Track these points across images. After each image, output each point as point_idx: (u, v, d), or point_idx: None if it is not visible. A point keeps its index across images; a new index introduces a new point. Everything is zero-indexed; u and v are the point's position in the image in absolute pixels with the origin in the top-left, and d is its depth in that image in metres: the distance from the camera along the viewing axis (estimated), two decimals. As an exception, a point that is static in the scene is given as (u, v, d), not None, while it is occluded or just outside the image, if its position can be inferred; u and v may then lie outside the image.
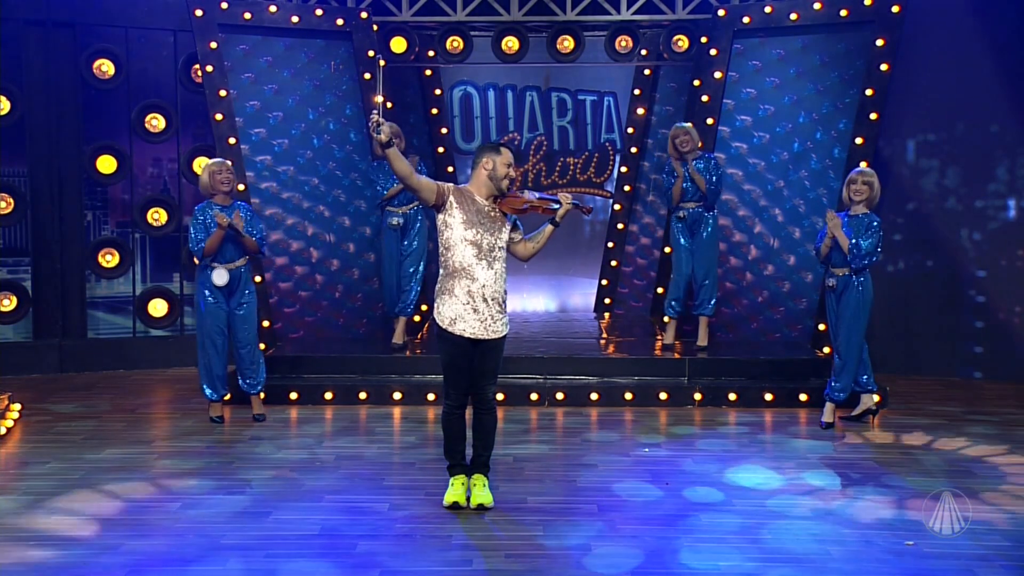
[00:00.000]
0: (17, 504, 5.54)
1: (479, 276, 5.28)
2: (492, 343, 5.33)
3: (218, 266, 7.10)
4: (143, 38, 9.41)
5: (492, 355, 5.35)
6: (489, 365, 5.36)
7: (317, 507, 5.48)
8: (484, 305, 5.28)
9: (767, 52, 9.17)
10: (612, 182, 11.15)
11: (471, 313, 5.27)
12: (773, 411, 7.76)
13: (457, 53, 9.80)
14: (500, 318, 5.34)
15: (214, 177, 7.09)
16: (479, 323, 5.27)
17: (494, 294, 5.31)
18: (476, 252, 5.28)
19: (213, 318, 7.16)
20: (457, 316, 5.27)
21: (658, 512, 5.46)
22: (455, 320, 5.28)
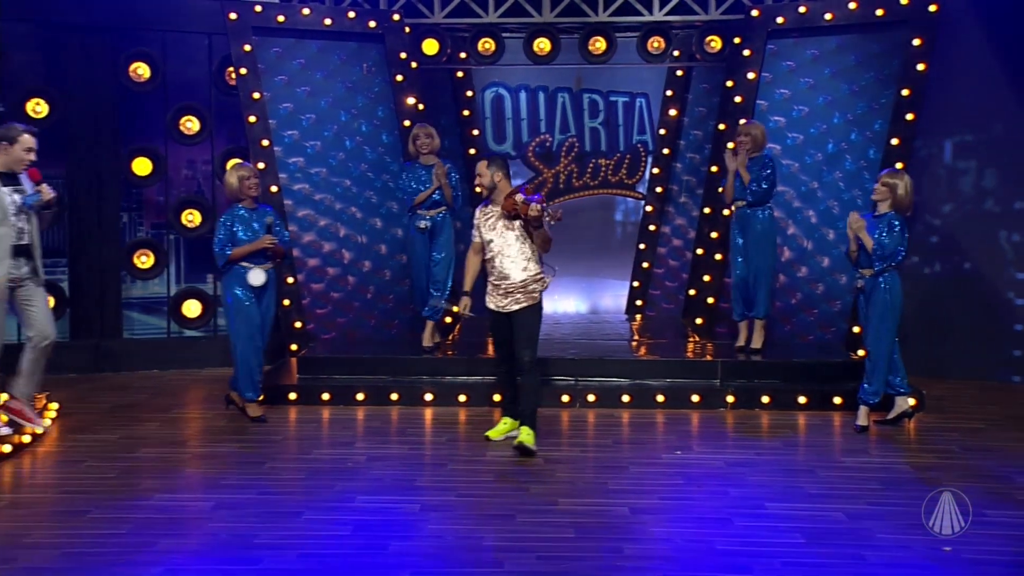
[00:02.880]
0: (53, 502, 5.60)
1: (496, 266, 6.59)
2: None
3: (253, 266, 7.13)
4: (178, 42, 9.49)
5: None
6: (519, 334, 6.54)
7: (349, 507, 5.49)
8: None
9: (801, 52, 9.09)
10: (644, 184, 11.11)
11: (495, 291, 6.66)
12: (807, 414, 7.68)
13: (489, 55, 9.81)
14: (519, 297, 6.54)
15: (243, 182, 7.14)
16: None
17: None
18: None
19: (249, 317, 7.18)
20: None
21: (691, 515, 5.42)
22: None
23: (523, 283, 6.55)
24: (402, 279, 9.33)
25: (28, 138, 6.25)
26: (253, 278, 7.11)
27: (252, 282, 7.12)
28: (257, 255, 7.15)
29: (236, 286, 7.18)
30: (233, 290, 7.19)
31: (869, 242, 6.93)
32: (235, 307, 7.20)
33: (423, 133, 8.19)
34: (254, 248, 7.10)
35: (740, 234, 8.16)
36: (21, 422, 6.51)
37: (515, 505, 5.53)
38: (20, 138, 6.21)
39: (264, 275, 7.15)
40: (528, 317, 6.57)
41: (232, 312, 7.24)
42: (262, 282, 7.14)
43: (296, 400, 7.89)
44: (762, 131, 8.08)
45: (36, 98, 8.95)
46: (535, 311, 6.60)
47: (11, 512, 5.44)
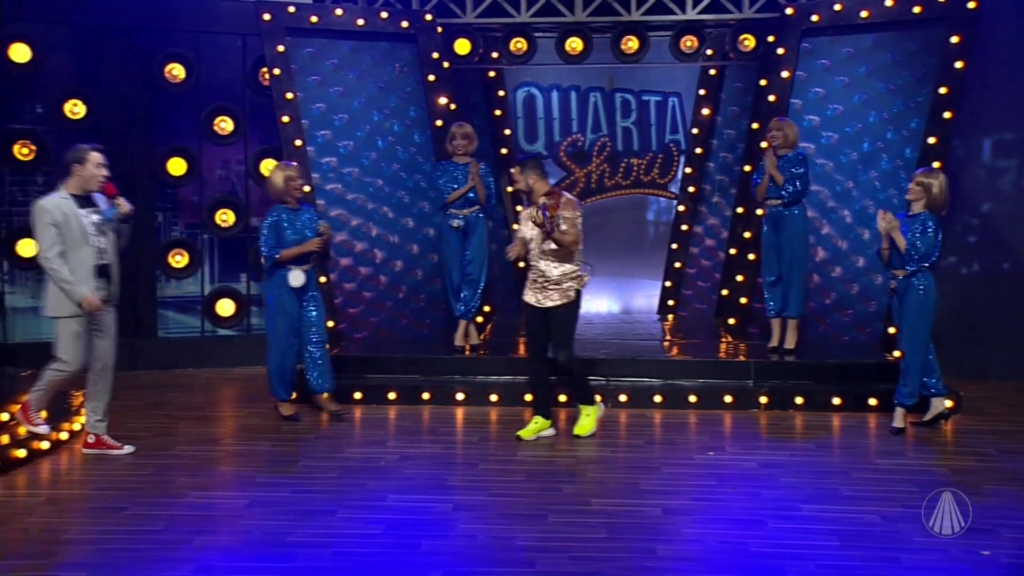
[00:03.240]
0: (90, 499, 5.67)
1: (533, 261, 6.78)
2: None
3: (294, 268, 7.17)
4: (213, 43, 9.58)
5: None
6: (553, 332, 6.75)
7: (381, 506, 5.52)
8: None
9: (836, 50, 9.01)
10: (676, 183, 11.08)
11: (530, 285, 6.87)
12: (841, 415, 7.62)
13: (521, 54, 9.82)
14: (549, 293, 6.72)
15: (289, 183, 7.18)
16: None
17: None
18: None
19: (288, 319, 7.24)
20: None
21: (724, 516, 5.40)
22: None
23: (557, 279, 6.67)
24: (434, 278, 9.35)
25: (97, 155, 6.29)
26: (293, 279, 7.16)
27: (292, 283, 7.16)
28: (302, 256, 7.20)
29: (277, 287, 7.22)
30: (274, 291, 7.24)
31: (902, 242, 6.87)
32: (276, 307, 7.25)
33: (460, 134, 8.21)
34: (304, 250, 7.17)
35: (773, 233, 8.11)
36: (27, 424, 6.49)
37: (547, 505, 5.53)
38: (89, 156, 6.25)
39: (303, 276, 7.20)
40: (562, 314, 6.72)
41: (272, 312, 7.29)
42: (301, 283, 7.19)
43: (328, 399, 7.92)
44: (793, 128, 8.02)
45: (73, 99, 9.07)
46: (570, 309, 6.73)
47: (49, 508, 5.52)
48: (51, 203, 6.19)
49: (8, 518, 5.34)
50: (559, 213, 6.57)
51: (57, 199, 6.22)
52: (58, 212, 6.16)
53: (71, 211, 6.19)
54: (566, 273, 6.69)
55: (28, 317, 9.30)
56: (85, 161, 6.25)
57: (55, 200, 6.21)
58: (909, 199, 7.00)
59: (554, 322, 6.73)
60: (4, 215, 9.17)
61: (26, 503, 5.61)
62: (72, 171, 6.26)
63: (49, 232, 6.14)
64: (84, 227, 6.22)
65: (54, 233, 6.15)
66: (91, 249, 6.24)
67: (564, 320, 6.74)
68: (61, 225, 6.16)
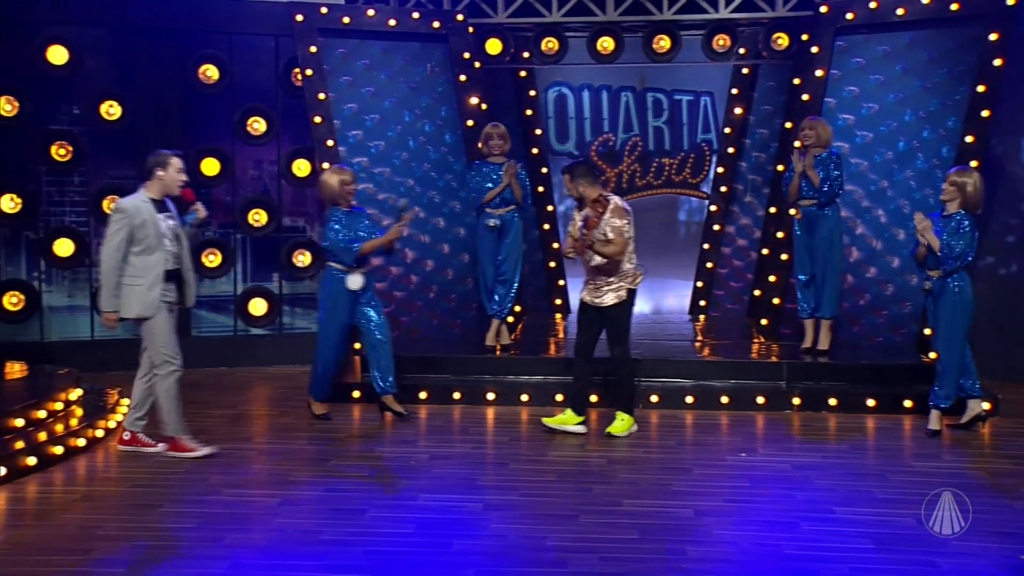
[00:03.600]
0: (126, 496, 5.74)
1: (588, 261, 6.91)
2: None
3: (353, 270, 7.16)
4: (246, 44, 9.66)
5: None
6: (609, 330, 6.92)
7: (412, 505, 5.54)
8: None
9: (871, 49, 8.93)
10: (708, 183, 11.02)
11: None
12: (876, 417, 7.55)
13: (552, 54, 9.82)
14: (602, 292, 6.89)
15: (344, 187, 7.16)
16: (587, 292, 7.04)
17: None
18: None
19: (340, 322, 7.25)
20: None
21: (756, 518, 5.37)
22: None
23: (608, 281, 6.83)
24: (464, 278, 9.37)
25: (178, 160, 6.36)
26: (351, 283, 7.12)
27: (350, 286, 7.12)
28: (378, 249, 7.21)
29: (334, 288, 7.19)
30: (330, 291, 7.22)
31: (936, 243, 6.79)
32: (330, 309, 7.23)
33: (496, 134, 8.21)
34: (388, 239, 7.20)
35: (806, 233, 8.05)
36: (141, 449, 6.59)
37: (578, 505, 5.53)
38: (171, 161, 6.32)
39: (362, 279, 7.16)
40: (617, 313, 6.88)
41: (326, 312, 7.27)
42: (360, 286, 7.16)
43: (360, 398, 7.97)
44: (826, 127, 7.96)
45: (109, 100, 9.18)
46: (624, 307, 6.88)
47: (86, 505, 5.59)
48: (131, 204, 6.25)
49: (46, 514, 5.42)
50: (607, 223, 6.63)
51: (137, 201, 6.28)
52: (137, 214, 6.22)
53: (150, 214, 6.26)
54: (620, 273, 6.83)
55: (64, 316, 9.44)
56: (167, 166, 6.31)
57: (135, 202, 6.27)
58: (943, 199, 6.93)
59: (608, 321, 6.92)
60: (42, 215, 9.29)
61: (63, 500, 5.69)
62: (154, 175, 6.32)
63: (121, 234, 6.20)
64: (161, 231, 6.29)
65: (124, 236, 6.20)
66: (165, 253, 6.31)
67: (618, 318, 6.90)
68: (138, 228, 6.22)
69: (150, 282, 6.26)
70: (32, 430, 6.44)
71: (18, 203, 9.06)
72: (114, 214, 6.27)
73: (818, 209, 7.95)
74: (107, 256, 6.24)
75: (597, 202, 6.69)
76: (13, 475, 5.94)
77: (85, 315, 9.40)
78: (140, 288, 6.25)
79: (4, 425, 6.31)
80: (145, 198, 6.30)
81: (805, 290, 8.17)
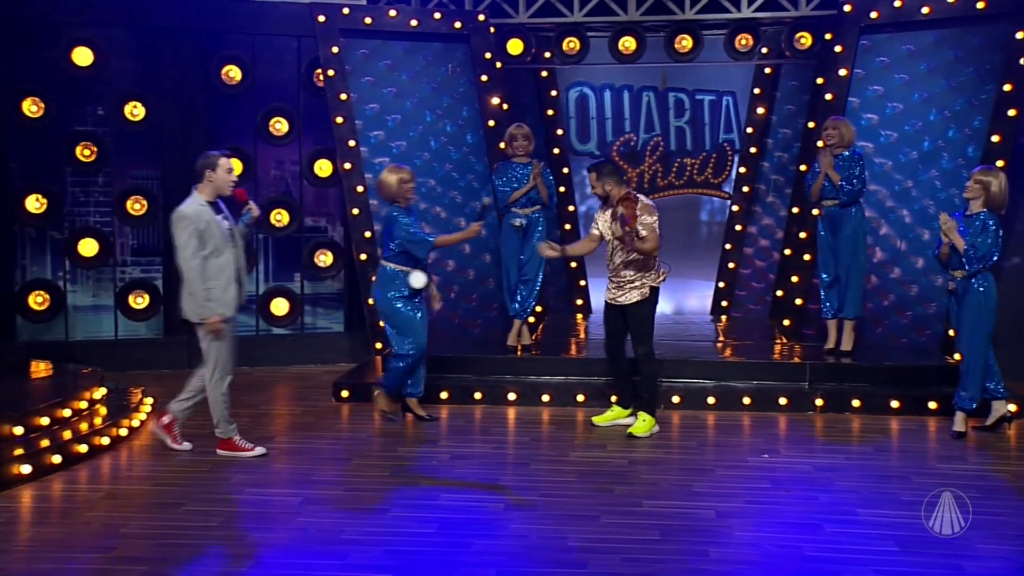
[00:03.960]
0: (149, 494, 5.79)
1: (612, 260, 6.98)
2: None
3: (414, 269, 6.97)
4: (268, 44, 9.71)
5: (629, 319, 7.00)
6: (632, 328, 6.97)
7: (434, 505, 5.55)
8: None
9: (896, 48, 8.88)
10: (730, 183, 10.98)
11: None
12: (900, 419, 7.50)
13: (574, 54, 9.81)
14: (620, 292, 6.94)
15: (403, 185, 6.94)
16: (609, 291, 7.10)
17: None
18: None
19: (416, 320, 7.06)
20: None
21: (779, 520, 5.35)
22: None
23: (632, 278, 6.86)
24: (486, 278, 9.38)
25: (227, 161, 6.38)
26: (415, 280, 6.93)
27: (414, 284, 6.94)
28: (413, 258, 6.98)
29: (396, 289, 6.98)
30: (394, 292, 6.99)
31: (960, 243, 6.74)
32: (404, 309, 7.01)
33: (521, 135, 8.20)
34: (463, 237, 7.34)
35: (830, 234, 8.01)
36: (169, 443, 6.63)
37: (599, 506, 5.52)
38: (220, 162, 6.33)
39: (425, 277, 6.99)
40: (639, 311, 6.92)
41: (400, 314, 7.02)
42: (423, 284, 6.99)
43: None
44: (849, 127, 7.91)
45: (133, 101, 9.26)
46: (646, 305, 6.92)
47: (109, 503, 5.63)
48: (192, 211, 6.25)
49: (71, 512, 5.47)
50: (638, 220, 6.66)
51: (196, 206, 6.27)
52: (200, 219, 6.23)
53: (210, 217, 6.28)
54: (643, 272, 6.86)
55: (88, 315, 9.53)
56: (216, 167, 6.32)
57: (195, 207, 6.27)
58: (967, 197, 6.88)
59: (631, 319, 6.95)
60: (67, 215, 9.38)
61: (88, 498, 5.73)
62: (205, 177, 6.33)
63: (193, 241, 6.21)
64: (223, 231, 6.34)
65: (197, 242, 6.23)
66: (232, 253, 6.37)
67: (641, 316, 6.94)
68: (204, 232, 6.25)
69: (224, 283, 6.33)
70: (57, 428, 6.51)
71: (43, 203, 9.15)
72: (179, 222, 6.23)
73: (840, 209, 7.90)
74: (187, 265, 6.23)
75: (628, 199, 6.70)
76: (39, 473, 6.01)
77: (109, 315, 9.48)
78: (215, 291, 6.30)
79: (30, 423, 6.37)
80: (201, 201, 6.30)
81: (828, 290, 8.13)
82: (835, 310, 8.14)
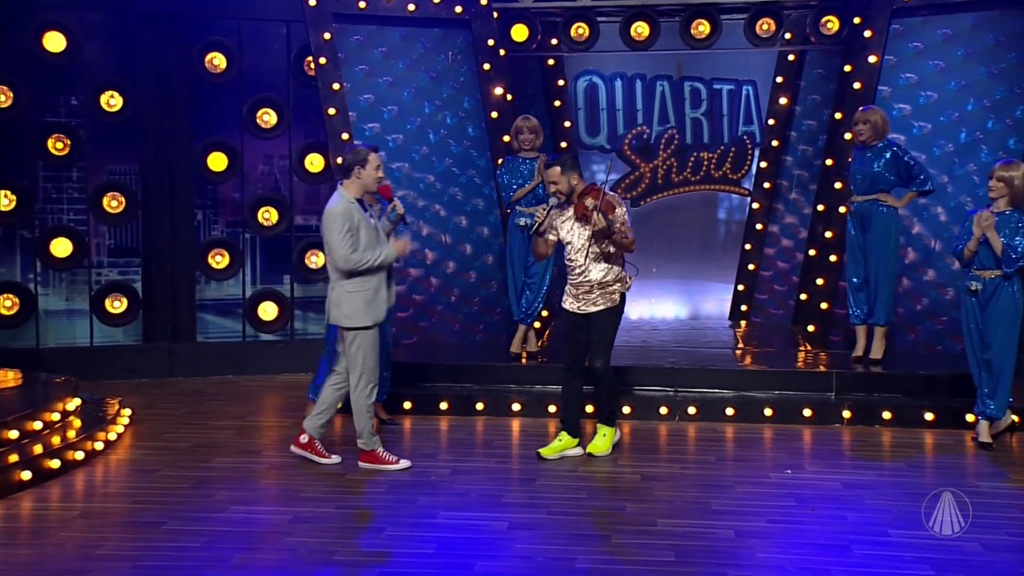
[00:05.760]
0: (127, 512, 5.77)
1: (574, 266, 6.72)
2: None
3: None
4: (255, 30, 9.72)
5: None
6: (594, 338, 6.69)
7: (432, 524, 5.54)
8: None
9: (930, 32, 8.88)
10: (750, 179, 10.96)
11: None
12: (934, 432, 7.49)
13: (582, 41, 9.80)
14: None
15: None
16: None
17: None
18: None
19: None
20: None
21: (803, 540, 5.33)
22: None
23: (602, 283, 6.64)
24: (488, 281, 9.37)
25: (376, 157, 6.45)
26: None
27: None
28: None
29: None
30: None
31: (998, 243, 6.75)
32: None
33: (527, 127, 8.20)
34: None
35: (860, 232, 7.99)
36: (313, 458, 6.70)
37: (610, 525, 5.51)
38: (370, 158, 6.41)
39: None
40: (605, 320, 6.69)
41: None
42: None
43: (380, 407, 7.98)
44: (882, 116, 7.89)
45: (110, 91, 9.26)
46: (613, 314, 6.71)
47: (84, 522, 5.62)
48: (343, 208, 6.33)
49: (41, 532, 5.46)
50: (615, 208, 6.53)
51: (346, 204, 6.36)
52: (352, 218, 6.32)
53: (360, 216, 6.38)
54: (613, 275, 6.64)
55: (61, 320, 9.53)
56: (366, 163, 6.40)
57: (345, 205, 6.35)
58: (992, 197, 6.91)
59: (596, 328, 6.69)
60: (38, 213, 9.38)
61: (60, 517, 5.71)
62: (353, 174, 6.42)
63: (348, 238, 6.28)
64: (373, 230, 6.43)
65: (351, 237, 6.29)
66: (386, 248, 6.45)
67: (606, 326, 6.70)
68: (356, 230, 6.33)
69: (375, 285, 6.41)
70: (27, 442, 6.49)
71: (12, 200, 9.15)
72: (331, 221, 6.30)
73: (870, 205, 7.87)
74: (357, 261, 6.28)
75: (596, 190, 6.54)
76: (6, 491, 5.99)
77: (84, 320, 9.48)
78: (367, 293, 6.38)
79: (-2, 436, 6.36)
80: (349, 198, 6.39)
81: (857, 294, 8.11)
82: (864, 315, 8.12)
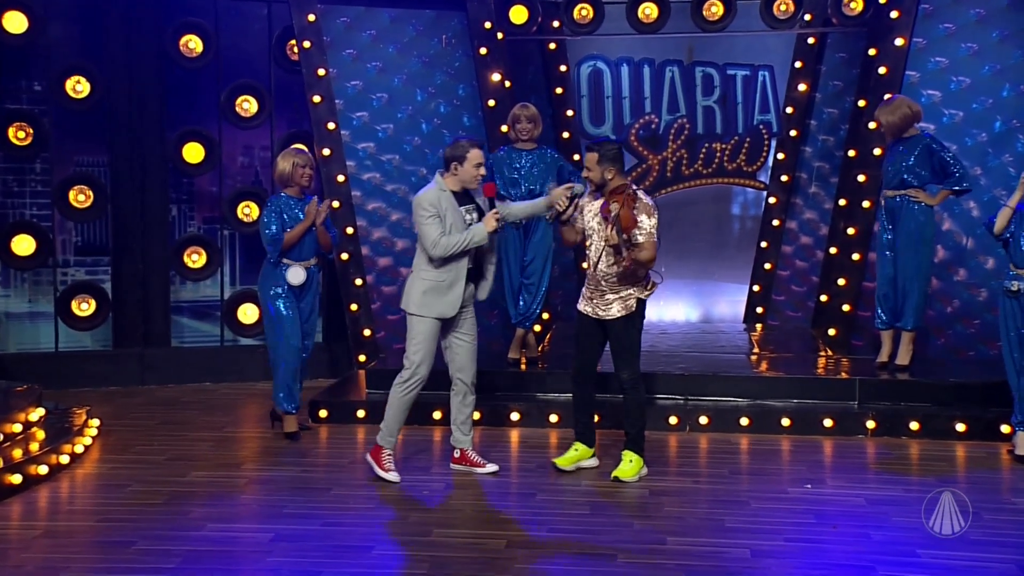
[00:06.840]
0: (94, 531, 5.74)
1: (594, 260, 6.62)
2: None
3: (293, 263, 7.42)
4: (233, 11, 9.69)
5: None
6: (616, 348, 6.65)
7: (425, 542, 5.52)
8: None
9: (962, 12, 8.90)
10: (766, 171, 10.96)
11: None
12: (966, 444, 7.48)
13: (586, 23, 9.81)
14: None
15: (297, 169, 7.42)
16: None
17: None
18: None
19: (293, 321, 7.48)
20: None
21: (824, 561, 5.32)
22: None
23: (618, 288, 6.54)
24: (484, 282, 9.35)
25: (477, 152, 6.50)
26: (292, 276, 7.40)
27: (292, 280, 7.41)
28: (304, 249, 7.44)
29: (277, 287, 7.46)
30: (275, 290, 7.47)
31: None
32: (278, 311, 7.48)
33: (525, 116, 8.17)
34: (306, 227, 7.41)
35: (890, 228, 7.96)
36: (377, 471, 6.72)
37: (616, 543, 5.50)
38: (469, 154, 6.46)
39: (304, 273, 7.43)
40: (625, 328, 6.60)
41: (273, 317, 7.51)
42: (301, 281, 7.43)
43: (364, 418, 7.98)
44: (902, 114, 7.80)
45: (76, 75, 9.22)
46: (632, 321, 6.60)
47: (48, 543, 5.59)
48: (432, 195, 6.45)
49: (1, 554, 5.42)
50: (637, 223, 6.33)
51: (436, 191, 6.48)
52: (440, 205, 6.42)
53: (451, 206, 6.45)
54: (632, 283, 6.54)
55: (24, 324, 9.50)
56: (464, 160, 6.47)
57: (435, 192, 6.47)
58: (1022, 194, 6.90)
59: (614, 337, 6.65)
60: (-1, 207, 9.37)
61: (21, 536, 5.68)
62: (450, 169, 6.52)
63: (434, 222, 6.39)
64: (462, 225, 6.48)
65: (439, 222, 6.39)
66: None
67: (625, 334, 6.61)
68: (442, 216, 6.42)
69: (452, 278, 6.51)
70: (-13, 454, 6.47)
71: (-28, 194, 9.15)
72: (418, 208, 6.43)
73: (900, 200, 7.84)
74: (447, 245, 6.37)
75: (625, 195, 6.37)
76: (-35, 506, 5.97)
77: (48, 323, 9.45)
78: (442, 285, 6.49)
79: (-44, 448, 6.34)
80: (443, 186, 6.50)
81: (884, 297, 8.08)
82: (890, 320, 8.09)
